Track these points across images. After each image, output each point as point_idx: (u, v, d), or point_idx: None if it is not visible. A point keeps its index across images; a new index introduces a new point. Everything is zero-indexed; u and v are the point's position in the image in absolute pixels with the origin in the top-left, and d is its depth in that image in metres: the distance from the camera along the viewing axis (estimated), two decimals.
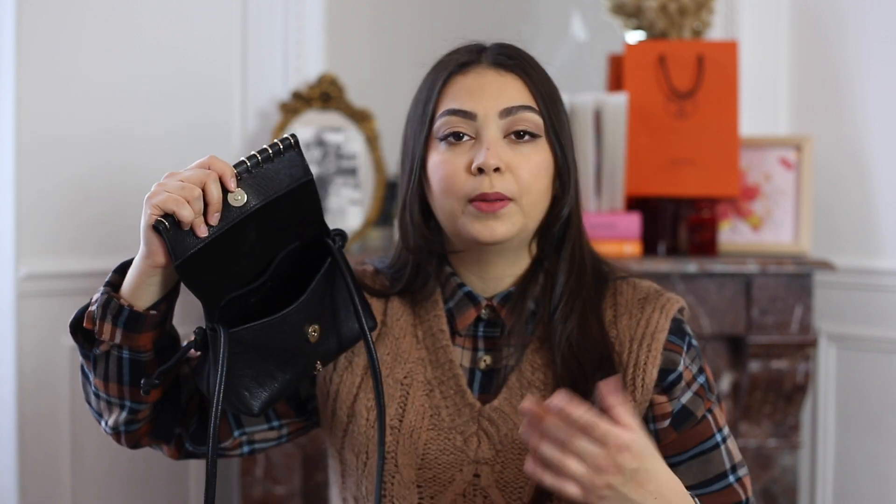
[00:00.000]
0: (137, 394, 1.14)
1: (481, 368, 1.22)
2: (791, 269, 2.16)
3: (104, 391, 1.15)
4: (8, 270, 2.20)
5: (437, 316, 1.23)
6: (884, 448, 2.38)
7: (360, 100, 2.51)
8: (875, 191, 2.38)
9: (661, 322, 1.19)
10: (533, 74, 1.19)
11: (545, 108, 1.18)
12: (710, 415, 1.19)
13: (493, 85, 1.18)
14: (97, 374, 1.14)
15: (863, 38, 2.40)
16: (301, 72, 2.51)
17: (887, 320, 2.36)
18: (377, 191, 2.48)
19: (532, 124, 1.17)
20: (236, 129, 2.51)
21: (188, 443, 1.24)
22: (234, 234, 1.03)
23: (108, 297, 1.09)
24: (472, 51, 1.21)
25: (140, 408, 1.16)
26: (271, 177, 1.04)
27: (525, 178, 1.16)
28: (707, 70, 2.24)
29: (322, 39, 2.55)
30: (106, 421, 1.19)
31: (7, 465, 2.20)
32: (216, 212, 1.02)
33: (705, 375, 1.21)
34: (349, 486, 1.24)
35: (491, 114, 1.16)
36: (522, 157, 1.16)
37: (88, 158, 2.31)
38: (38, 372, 2.23)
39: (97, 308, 1.09)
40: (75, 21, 2.28)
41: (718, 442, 1.18)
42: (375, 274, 1.30)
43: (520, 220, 1.16)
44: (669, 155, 2.23)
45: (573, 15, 3.01)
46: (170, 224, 1.01)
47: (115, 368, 1.12)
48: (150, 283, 1.07)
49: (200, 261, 1.01)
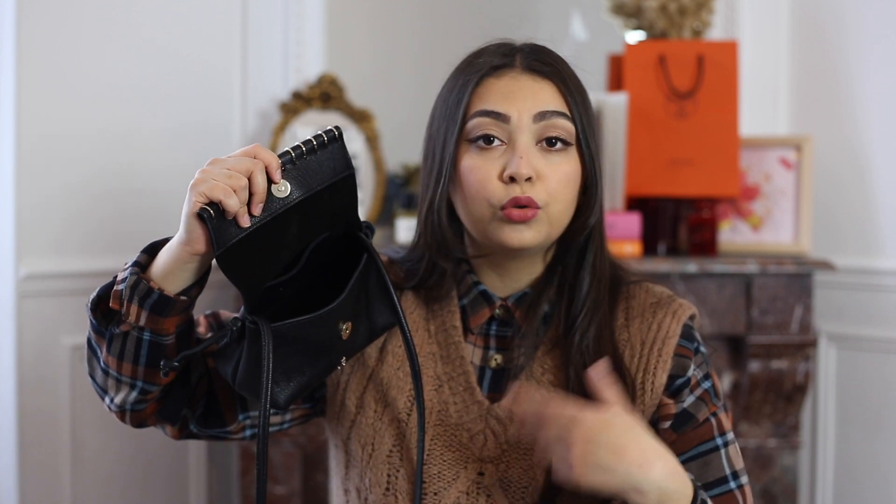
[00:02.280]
0: (152, 375, 1.12)
1: (492, 367, 1.22)
2: (791, 269, 2.16)
3: (115, 369, 1.13)
4: (8, 270, 2.20)
5: (451, 312, 1.23)
6: (884, 448, 2.38)
7: (360, 100, 2.51)
8: (875, 191, 2.38)
9: (673, 327, 1.19)
10: (568, 81, 1.18)
11: (578, 115, 1.17)
12: (714, 418, 1.18)
13: (528, 89, 1.17)
14: (111, 352, 1.12)
15: (863, 38, 2.40)
16: (301, 72, 2.51)
17: (887, 320, 2.36)
18: (377, 190, 2.48)
19: (565, 132, 1.16)
20: (236, 129, 2.51)
21: (193, 425, 1.23)
22: (275, 226, 1.03)
23: (137, 278, 1.06)
24: (505, 53, 1.20)
25: (152, 388, 1.14)
26: (314, 169, 1.04)
27: (554, 187, 1.15)
28: (707, 70, 2.24)
29: (322, 39, 2.55)
30: (111, 398, 1.16)
31: (7, 465, 2.20)
32: (261, 202, 1.01)
33: (711, 381, 1.21)
34: (352, 476, 1.24)
35: (525, 117, 1.15)
36: (553, 166, 1.16)
37: (88, 159, 2.31)
38: (38, 372, 2.23)
39: (125, 289, 1.07)
40: (75, 21, 2.28)
41: (719, 445, 1.18)
42: (389, 265, 1.30)
43: (545, 228, 1.16)
44: (669, 155, 2.23)
45: (573, 15, 3.01)
46: (214, 213, 1.00)
47: (133, 348, 1.10)
48: (184, 269, 1.06)
49: (241, 251, 1.01)
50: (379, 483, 1.20)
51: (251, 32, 2.51)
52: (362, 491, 1.22)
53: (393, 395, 1.21)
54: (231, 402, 1.22)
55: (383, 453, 1.20)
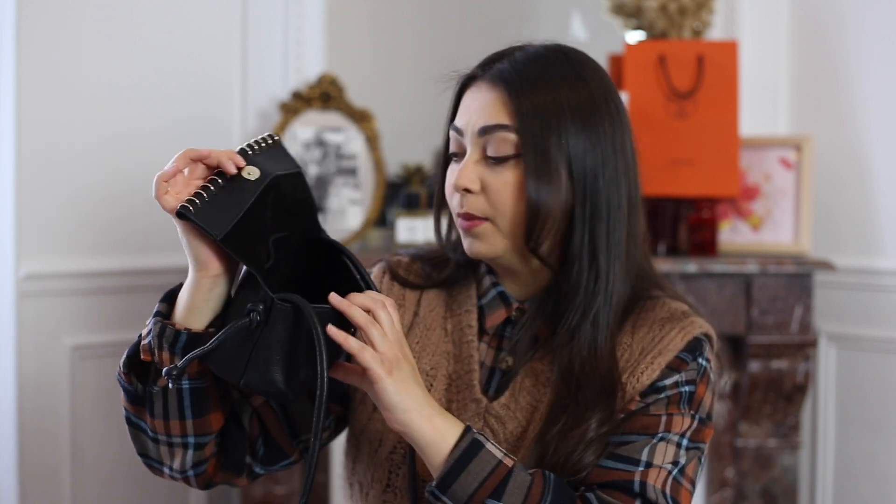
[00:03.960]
0: (201, 426, 1.12)
1: (502, 368, 1.22)
2: (791, 269, 2.16)
3: (164, 432, 1.12)
4: (8, 270, 2.20)
5: (469, 312, 1.24)
6: (884, 448, 2.38)
7: (360, 100, 2.51)
8: (875, 191, 2.38)
9: (676, 342, 1.17)
10: (524, 90, 1.13)
11: (527, 126, 1.12)
12: (666, 417, 1.13)
13: (479, 102, 1.16)
14: (155, 415, 1.11)
15: (863, 38, 2.40)
16: (301, 72, 2.51)
17: (887, 320, 2.36)
18: (377, 191, 2.48)
19: (505, 144, 1.13)
20: (236, 129, 2.51)
21: (257, 467, 1.23)
22: (260, 205, 1.04)
23: (161, 326, 1.07)
24: (486, 62, 1.19)
25: (205, 440, 1.14)
26: (272, 159, 1.08)
27: (495, 199, 1.14)
28: (707, 70, 2.24)
29: (322, 39, 2.55)
30: (170, 466, 1.16)
31: (7, 465, 2.20)
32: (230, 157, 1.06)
33: (692, 388, 1.16)
34: (358, 471, 1.24)
35: (471, 132, 1.16)
36: (496, 177, 1.14)
37: (88, 159, 2.31)
38: (38, 372, 2.23)
39: (152, 339, 1.07)
40: (75, 22, 2.28)
41: (651, 439, 1.12)
42: (411, 263, 1.30)
43: (499, 241, 1.16)
44: (669, 155, 2.23)
45: (573, 15, 3.01)
46: (200, 204, 1.02)
47: (176, 402, 1.10)
48: (208, 299, 1.07)
49: (241, 232, 1.02)
50: (380, 480, 1.20)
51: (251, 32, 2.51)
52: (364, 486, 1.23)
53: None
54: (283, 434, 1.22)
55: (386, 450, 1.21)
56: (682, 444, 1.13)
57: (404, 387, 1.04)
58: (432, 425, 1.05)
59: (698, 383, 1.16)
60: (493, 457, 1.05)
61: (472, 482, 1.03)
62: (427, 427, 1.05)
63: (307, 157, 2.44)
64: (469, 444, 1.05)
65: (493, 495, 1.03)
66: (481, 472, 1.04)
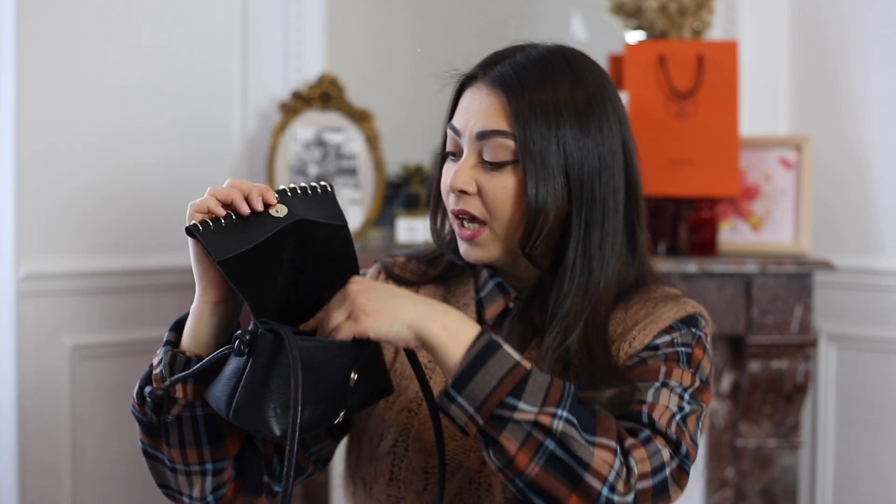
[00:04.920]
0: (218, 452, 1.12)
1: None
2: (791, 269, 2.16)
3: (182, 462, 1.13)
4: (8, 270, 2.20)
5: (467, 305, 1.24)
6: (884, 448, 2.38)
7: (360, 100, 2.51)
8: (875, 191, 2.39)
9: (669, 315, 1.17)
10: (523, 95, 1.13)
11: (525, 133, 1.12)
12: (665, 366, 1.12)
13: (477, 105, 1.16)
14: (172, 445, 1.12)
15: (863, 38, 2.40)
16: (301, 72, 2.51)
17: (887, 320, 2.36)
18: (377, 191, 2.48)
19: (503, 150, 1.13)
20: (236, 129, 2.51)
21: (276, 485, 1.22)
22: (275, 244, 1.03)
23: (172, 354, 1.07)
24: (487, 62, 1.19)
25: (223, 466, 1.14)
26: (309, 205, 1.06)
27: (491, 202, 1.15)
28: (707, 70, 2.24)
29: (322, 39, 2.55)
30: (189, 495, 1.17)
31: (7, 465, 2.20)
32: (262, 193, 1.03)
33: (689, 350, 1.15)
34: (362, 467, 1.24)
35: (469, 134, 1.16)
36: (492, 181, 1.15)
37: (88, 159, 2.31)
38: (38, 372, 2.23)
39: (163, 368, 1.08)
40: (75, 22, 2.28)
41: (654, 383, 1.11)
42: (406, 263, 1.31)
43: (497, 246, 1.16)
44: (669, 155, 2.23)
45: (573, 15, 3.01)
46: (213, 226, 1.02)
47: (191, 430, 1.11)
48: (211, 325, 1.07)
49: (245, 263, 1.01)
50: (383, 474, 1.20)
51: (251, 32, 2.51)
52: (368, 481, 1.23)
53: (405, 384, 1.22)
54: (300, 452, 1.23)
55: (388, 444, 1.21)
56: (685, 397, 1.12)
57: (390, 312, 1.02)
58: (442, 325, 1.03)
59: (694, 347, 1.16)
60: (510, 357, 1.02)
61: (490, 380, 1.00)
62: (436, 329, 1.02)
63: (307, 157, 2.44)
64: (486, 343, 1.02)
65: (513, 393, 1.00)
66: (499, 370, 1.01)
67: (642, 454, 1.03)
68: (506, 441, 1.00)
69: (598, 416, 1.04)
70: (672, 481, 1.06)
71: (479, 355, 1.01)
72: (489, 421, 1.00)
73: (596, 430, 1.02)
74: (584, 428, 1.01)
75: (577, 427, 1.00)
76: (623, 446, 1.03)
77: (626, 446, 1.03)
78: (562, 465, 1.00)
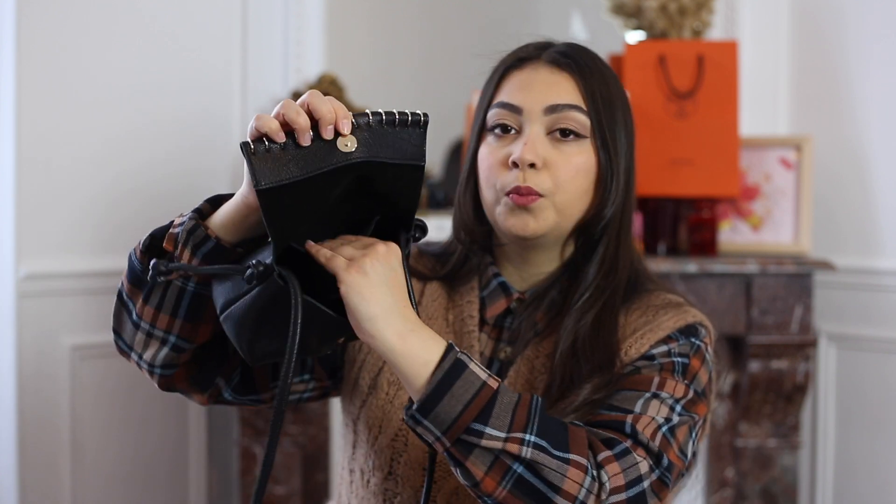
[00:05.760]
0: (188, 330, 1.10)
1: (501, 358, 1.23)
2: (791, 269, 2.16)
3: (150, 321, 1.10)
4: (8, 270, 2.20)
5: (470, 302, 1.25)
6: (884, 448, 2.38)
7: (360, 100, 2.51)
8: (875, 191, 2.38)
9: (669, 324, 1.18)
10: (588, 74, 1.18)
11: (595, 109, 1.17)
12: (659, 377, 1.12)
13: (543, 82, 1.18)
14: (148, 303, 1.09)
15: (863, 38, 2.40)
16: (301, 72, 2.51)
17: (887, 320, 2.36)
18: None
19: (577, 124, 1.17)
20: (236, 129, 2.51)
21: (227, 392, 1.21)
22: (327, 181, 0.96)
23: (195, 224, 1.05)
24: (536, 47, 1.22)
25: (184, 346, 1.12)
26: (387, 142, 0.97)
27: (561, 176, 1.16)
28: (707, 70, 2.24)
29: (322, 39, 2.55)
30: (140, 355, 1.14)
31: (7, 465, 2.20)
32: (330, 124, 0.96)
33: (685, 360, 1.15)
34: (357, 457, 1.24)
35: (536, 109, 1.17)
36: (562, 156, 1.17)
37: (88, 159, 2.31)
38: (38, 372, 2.23)
39: (182, 232, 1.05)
40: (75, 22, 2.28)
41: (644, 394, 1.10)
42: (419, 255, 1.32)
43: (552, 217, 1.17)
44: (669, 155, 2.23)
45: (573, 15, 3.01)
46: (269, 146, 0.94)
47: (174, 299, 1.09)
48: (244, 222, 1.04)
49: (286, 196, 0.94)
50: (381, 467, 1.20)
51: (251, 32, 2.51)
52: (365, 473, 1.22)
53: None
54: (263, 371, 1.21)
55: (388, 437, 1.20)
56: (675, 409, 1.11)
57: (370, 292, 0.98)
58: (406, 346, 0.99)
59: (692, 357, 1.16)
60: (477, 378, 0.99)
61: (456, 405, 0.98)
62: (398, 345, 0.99)
63: None
64: (452, 364, 0.99)
65: (479, 418, 0.98)
66: (465, 394, 0.98)
67: (615, 468, 1.02)
68: (472, 466, 0.99)
69: (568, 430, 1.02)
70: (651, 493, 1.05)
71: (444, 378, 0.99)
72: (455, 445, 0.99)
73: (568, 446, 1.01)
74: (555, 445, 1.00)
75: (547, 448, 0.99)
76: (596, 459, 1.02)
77: (599, 460, 1.02)
78: (531, 488, 0.99)
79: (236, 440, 2.28)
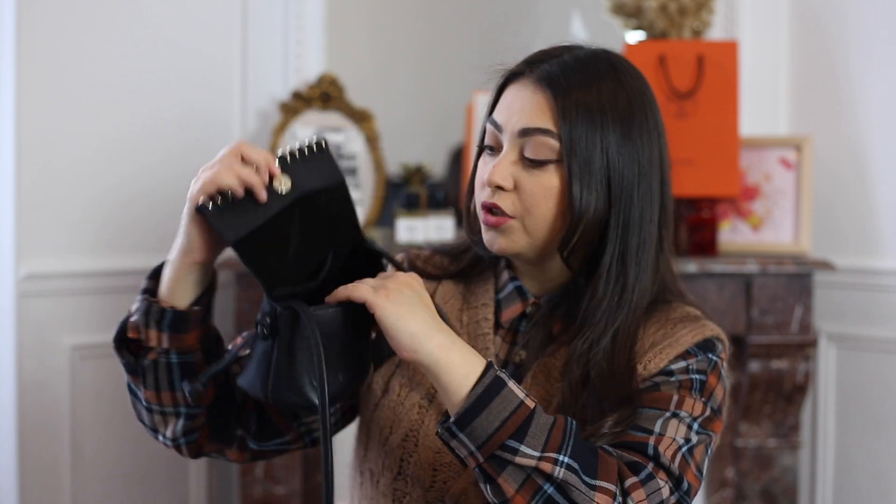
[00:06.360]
0: (193, 397, 1.13)
1: (515, 362, 1.23)
2: (791, 269, 2.16)
3: (157, 403, 1.14)
4: (8, 270, 2.20)
5: (486, 305, 1.25)
6: (884, 448, 2.38)
7: (360, 100, 2.51)
8: (875, 191, 2.38)
9: (687, 339, 1.17)
10: (571, 94, 1.13)
11: (569, 132, 1.13)
12: (678, 395, 1.13)
13: (521, 102, 1.16)
14: (148, 387, 1.13)
15: (863, 38, 2.40)
16: (301, 72, 2.51)
17: (887, 320, 2.36)
18: (377, 191, 2.48)
19: (546, 149, 1.14)
20: (236, 130, 2.51)
21: (251, 442, 1.23)
22: (283, 220, 1.03)
23: (148, 304, 1.08)
24: (529, 62, 1.19)
25: (196, 412, 1.15)
26: (306, 172, 1.05)
27: (528, 200, 1.15)
28: (707, 70, 2.24)
29: (322, 39, 2.55)
30: (163, 434, 1.18)
31: (7, 465, 2.20)
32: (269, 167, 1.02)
33: (703, 377, 1.15)
34: (370, 458, 1.25)
35: (513, 131, 1.16)
36: (531, 179, 1.15)
37: (89, 159, 2.31)
38: (38, 372, 2.23)
39: (139, 316, 1.09)
40: (75, 22, 2.28)
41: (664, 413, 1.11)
42: (430, 257, 1.32)
43: (522, 238, 1.16)
44: (669, 155, 2.23)
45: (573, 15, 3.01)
46: (221, 203, 1.00)
47: (166, 375, 1.12)
48: (188, 280, 1.07)
49: (254, 241, 1.01)
50: (391, 468, 1.20)
51: (251, 33, 2.51)
52: (375, 473, 1.23)
53: (418, 379, 1.22)
54: (277, 411, 1.23)
55: (399, 437, 1.20)
56: (694, 427, 1.12)
57: (407, 310, 1.02)
58: (448, 357, 1.02)
59: (709, 374, 1.17)
60: (515, 396, 1.02)
61: (494, 421, 1.00)
62: (442, 357, 1.02)
63: None
64: (492, 380, 1.01)
65: (515, 436, 1.00)
66: (503, 411, 1.00)
67: (641, 495, 1.04)
68: (504, 482, 1.00)
69: (599, 457, 1.04)
70: None
71: (484, 393, 1.01)
72: (489, 460, 1.01)
73: (597, 473, 1.02)
74: (586, 471, 1.01)
75: (578, 471, 1.01)
76: (623, 486, 1.04)
77: (626, 487, 1.04)
78: None
79: None
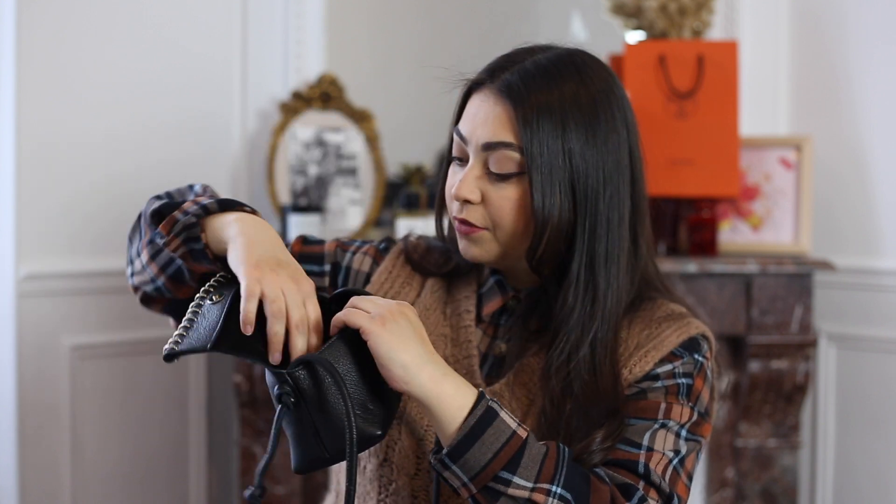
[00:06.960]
0: (173, 287, 1.19)
1: (495, 354, 1.24)
2: (791, 269, 2.16)
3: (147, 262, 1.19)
4: (8, 270, 2.20)
5: (468, 297, 1.25)
6: (884, 448, 2.38)
7: (360, 100, 2.51)
8: (875, 191, 2.38)
9: (672, 339, 1.17)
10: (529, 104, 1.12)
11: (530, 142, 1.12)
12: (665, 404, 1.12)
13: (483, 114, 1.15)
14: (150, 255, 1.19)
15: (863, 38, 2.40)
16: (301, 72, 2.51)
17: (887, 320, 2.36)
18: (377, 191, 2.48)
19: (509, 162, 1.13)
20: (236, 129, 2.51)
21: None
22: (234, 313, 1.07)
23: (194, 224, 1.13)
24: (490, 70, 1.18)
25: (167, 294, 1.21)
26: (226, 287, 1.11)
27: (494, 213, 1.15)
28: (707, 70, 2.24)
29: (322, 39, 2.55)
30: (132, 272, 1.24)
31: (7, 465, 2.20)
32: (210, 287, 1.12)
33: (689, 381, 1.15)
34: None
35: (474, 144, 1.16)
36: (496, 192, 1.15)
37: (89, 159, 2.31)
38: (38, 372, 2.23)
39: (180, 225, 1.14)
40: (75, 23, 2.28)
41: (653, 425, 1.11)
42: (426, 252, 1.32)
43: (495, 248, 1.17)
44: (669, 155, 2.23)
45: (573, 15, 3.01)
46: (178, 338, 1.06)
47: (167, 259, 1.17)
48: None
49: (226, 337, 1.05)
50: (376, 454, 1.21)
51: (251, 33, 2.51)
52: (361, 460, 1.23)
53: None
54: None
55: None
56: (682, 435, 1.13)
57: (399, 340, 1.03)
58: (440, 389, 1.03)
59: (695, 377, 1.16)
60: (507, 427, 1.03)
61: (487, 452, 1.01)
62: (434, 389, 1.03)
63: (307, 158, 2.44)
64: (484, 411, 1.02)
65: (507, 467, 1.01)
66: (496, 442, 1.02)
67: None
68: None
69: (591, 485, 1.05)
70: None
71: (476, 425, 1.02)
72: (482, 492, 1.02)
73: (590, 502, 1.03)
74: (579, 501, 1.03)
75: (571, 502, 1.02)
76: None
77: None
78: None
79: (236, 440, 2.28)
